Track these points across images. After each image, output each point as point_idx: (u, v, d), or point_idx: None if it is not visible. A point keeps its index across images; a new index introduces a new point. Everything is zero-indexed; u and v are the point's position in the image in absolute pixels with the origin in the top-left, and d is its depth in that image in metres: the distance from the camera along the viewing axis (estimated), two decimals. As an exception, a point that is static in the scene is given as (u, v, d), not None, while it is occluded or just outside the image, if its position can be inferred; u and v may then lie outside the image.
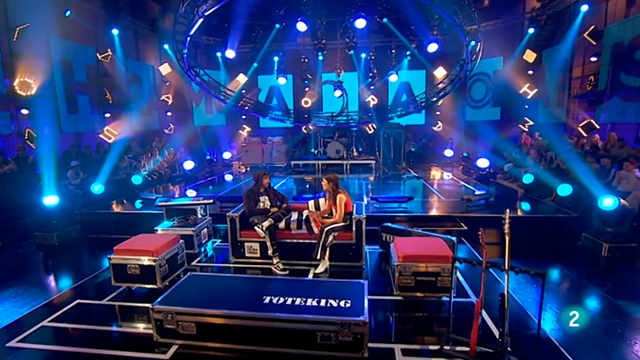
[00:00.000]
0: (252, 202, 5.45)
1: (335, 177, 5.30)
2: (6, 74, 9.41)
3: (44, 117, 10.43)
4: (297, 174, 12.62)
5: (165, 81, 15.64)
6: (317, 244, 5.12)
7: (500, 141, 12.95)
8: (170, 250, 4.86)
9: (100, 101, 12.63)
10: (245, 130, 17.43)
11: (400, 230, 5.60)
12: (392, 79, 14.78)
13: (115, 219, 7.58)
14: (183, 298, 3.75)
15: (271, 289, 3.86)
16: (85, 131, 12.01)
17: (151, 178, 11.27)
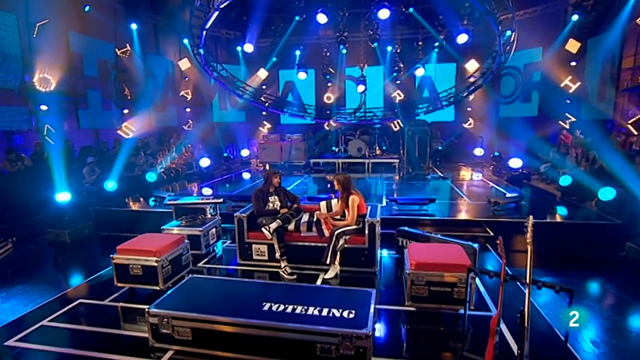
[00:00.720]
0: (260, 202, 5.41)
1: (346, 177, 5.17)
2: (26, 70, 9.78)
3: (62, 113, 10.82)
4: (316, 173, 12.54)
5: (185, 76, 15.90)
6: (327, 248, 5.01)
7: (537, 139, 12.40)
8: (174, 251, 4.87)
9: (118, 97, 12.97)
10: (265, 127, 17.52)
11: (417, 234, 5.41)
12: (419, 72, 14.45)
13: (127, 216, 7.73)
14: (181, 302, 3.73)
15: (272, 295, 3.78)
16: (103, 127, 12.37)
17: (166, 175, 11.48)
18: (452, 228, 6.58)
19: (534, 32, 13.37)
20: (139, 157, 11.34)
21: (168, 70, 15.25)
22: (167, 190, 9.48)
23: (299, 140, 13.55)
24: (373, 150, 13.53)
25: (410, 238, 5.47)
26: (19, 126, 9.71)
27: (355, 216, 5.06)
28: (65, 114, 11.09)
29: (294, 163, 13.39)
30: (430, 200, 7.21)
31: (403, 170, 12.60)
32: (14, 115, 9.60)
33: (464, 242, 4.92)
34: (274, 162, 13.65)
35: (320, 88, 17.19)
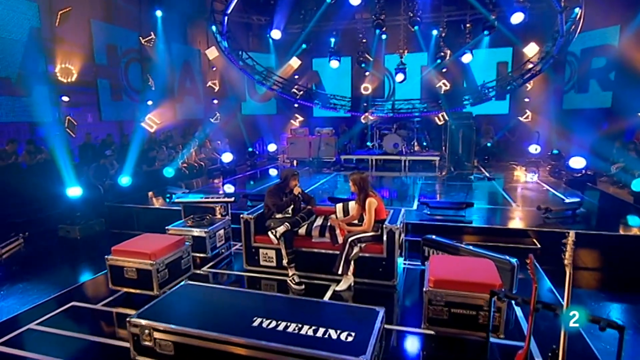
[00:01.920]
0: (278, 200, 5.23)
1: (362, 177, 4.90)
2: (49, 60, 10.23)
3: (84, 104, 11.25)
4: (347, 171, 12.26)
5: (212, 66, 16.11)
6: (339, 256, 4.77)
7: (607, 136, 11.41)
8: (172, 254, 4.82)
9: (142, 88, 13.33)
10: (297, 120, 17.44)
11: (445, 244, 5.03)
12: (466, 59, 13.72)
13: (138, 214, 7.88)
14: (167, 311, 3.64)
15: (266, 309, 3.60)
16: (126, 119, 12.75)
17: (188, 171, 11.67)
18: (492, 238, 6.13)
19: (606, 9, 12.23)
20: (160, 151, 11.60)
21: (195, 59, 15.52)
22: (182, 187, 9.59)
23: (329, 135, 13.33)
24: (411, 147, 13.15)
25: (437, 248, 5.11)
26: (40, 118, 10.17)
27: (372, 221, 4.79)
28: (86, 105, 11.54)
29: (324, 159, 13.19)
30: (467, 204, 6.76)
31: (444, 169, 12.07)
32: (35, 106, 10.07)
33: (501, 257, 4.50)
34: (302, 158, 13.57)
35: (356, 78, 16.85)
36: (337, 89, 16.68)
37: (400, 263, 5.32)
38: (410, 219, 6.70)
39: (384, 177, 11.73)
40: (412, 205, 7.54)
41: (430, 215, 6.82)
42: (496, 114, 15.53)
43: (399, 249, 4.97)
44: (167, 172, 10.06)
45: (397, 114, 14.32)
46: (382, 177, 11.73)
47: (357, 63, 14.72)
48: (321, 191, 9.42)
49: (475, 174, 11.07)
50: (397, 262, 4.88)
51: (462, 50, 13.76)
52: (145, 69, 13.36)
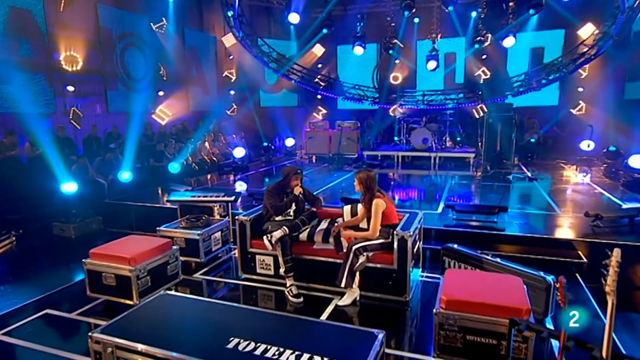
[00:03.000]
0: (277, 200, 4.97)
1: (369, 175, 4.55)
2: (52, 47, 10.31)
3: (90, 94, 11.34)
4: (371, 168, 11.82)
5: (229, 54, 16.02)
6: (341, 266, 4.43)
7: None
8: (156, 259, 4.61)
9: (153, 77, 13.34)
10: (320, 113, 17.17)
11: (467, 255, 4.59)
12: (508, 43, 12.96)
13: (137, 212, 7.78)
14: (136, 327, 3.39)
15: (247, 328, 3.30)
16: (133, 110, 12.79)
17: (198, 166, 11.58)
18: (528, 249, 5.64)
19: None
20: (170, 145, 11.55)
21: (210, 47, 15.46)
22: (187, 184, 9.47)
23: (351, 129, 12.97)
24: (442, 142, 12.77)
25: (458, 259, 4.68)
26: (43, 109, 10.28)
27: (377, 226, 4.43)
28: (93, 95, 11.63)
29: (345, 155, 12.87)
30: (500, 208, 6.26)
31: (480, 168, 11.56)
32: (39, 96, 10.18)
33: (534, 273, 4.03)
34: (321, 153, 13.33)
35: (384, 66, 16.37)
36: (363, 79, 16.28)
37: (415, 275, 4.93)
38: (433, 224, 6.28)
39: (411, 176, 11.35)
40: (437, 209, 7.08)
41: (456, 221, 6.36)
42: (543, 106, 14.70)
43: (413, 259, 4.57)
44: (173, 167, 9.94)
45: (428, 105, 13.74)
46: (409, 176, 11.35)
47: (384, 50, 14.27)
48: (341, 189, 9.12)
49: (515, 174, 10.45)
50: (411, 275, 4.48)
51: (503, 33, 12.99)
52: (156, 56, 13.37)
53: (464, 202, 7.58)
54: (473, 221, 6.33)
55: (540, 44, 14.59)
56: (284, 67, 13.79)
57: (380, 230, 4.55)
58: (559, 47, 14.43)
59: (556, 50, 14.31)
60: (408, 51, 15.66)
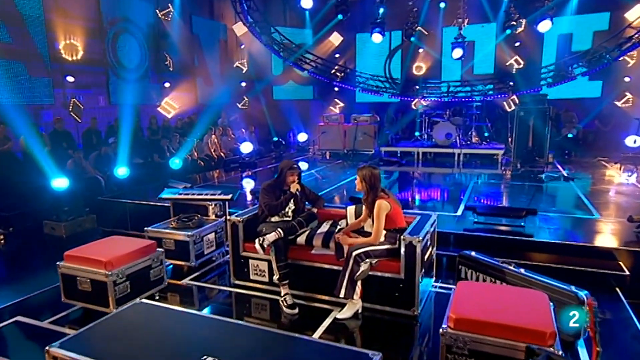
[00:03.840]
0: (272, 199, 4.73)
1: (373, 173, 4.23)
2: (51, 36, 10.27)
3: (92, 85, 11.31)
4: (387, 165, 11.63)
5: (240, 44, 15.86)
6: (341, 274, 4.14)
7: None
8: (137, 262, 4.40)
9: (158, 68, 13.27)
10: (337, 106, 16.89)
11: (486, 264, 4.23)
12: (544, 27, 12.28)
13: (132, 210, 7.62)
14: (100, 341, 3.17)
15: (223, 345, 3.04)
16: (138, 103, 12.73)
17: (204, 162, 11.43)
18: (560, 258, 5.19)
19: None
20: (174, 139, 11.43)
21: (220, 36, 15.32)
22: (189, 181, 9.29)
23: (368, 123, 12.64)
24: (468, 137, 12.30)
25: (476, 268, 4.33)
26: (41, 100, 10.29)
27: (380, 230, 4.12)
28: (95, 87, 11.61)
29: (361, 152, 12.56)
30: (528, 211, 5.84)
31: (509, 166, 11.07)
32: (36, 87, 10.19)
33: (564, 287, 3.62)
34: (335, 149, 13.05)
35: (406, 55, 15.96)
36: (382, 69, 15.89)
37: (427, 285, 4.59)
38: (452, 227, 5.93)
39: (432, 174, 10.98)
40: (456, 210, 6.70)
41: (477, 224, 5.97)
42: (583, 98, 14.03)
43: (424, 267, 4.23)
44: (174, 163, 9.80)
45: (453, 97, 13.28)
46: (430, 174, 10.98)
47: (405, 37, 13.86)
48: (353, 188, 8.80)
49: (549, 173, 9.95)
50: (420, 285, 4.14)
51: (538, 16, 12.36)
52: (162, 45, 13.29)
53: (488, 203, 7.15)
54: (496, 225, 5.92)
55: (582, 28, 13.92)
56: (294, 56, 13.50)
57: (385, 234, 4.25)
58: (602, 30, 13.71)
59: (600, 35, 13.61)
60: (432, 39, 15.22)
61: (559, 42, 14.27)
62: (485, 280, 4.25)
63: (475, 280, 4.34)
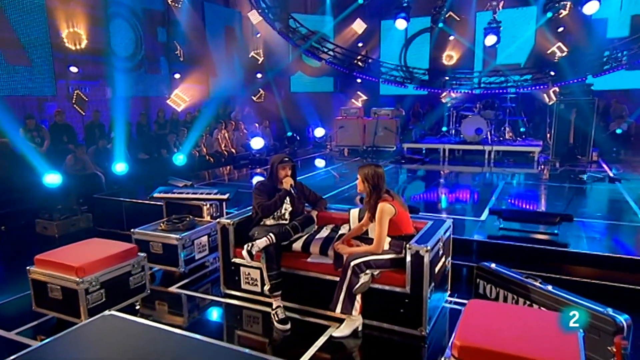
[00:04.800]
0: (265, 199, 4.50)
1: (377, 171, 3.93)
2: (53, 23, 10.26)
3: (98, 76, 11.31)
4: (410, 164, 11.30)
5: (256, 32, 15.67)
6: (337, 287, 3.84)
7: None
8: (114, 268, 4.20)
9: (168, 58, 13.21)
10: (360, 99, 16.59)
11: (508, 278, 3.85)
12: (590, 9, 11.60)
13: (128, 209, 7.49)
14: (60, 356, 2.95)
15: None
16: (146, 95, 12.72)
17: (213, 159, 11.31)
18: (598, 272, 4.75)
19: None
20: (181, 134, 11.33)
21: (234, 24, 15.17)
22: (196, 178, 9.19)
23: (389, 117, 12.31)
24: (500, 133, 11.91)
25: (496, 283, 3.96)
26: (41, 91, 10.31)
27: (383, 238, 3.81)
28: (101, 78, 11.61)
29: (381, 148, 12.26)
30: (563, 216, 5.38)
31: (547, 165, 10.64)
32: (37, 78, 10.21)
33: (599, 309, 3.21)
34: (353, 145, 12.79)
35: (435, 44, 15.57)
36: (409, 59, 15.47)
37: (439, 301, 4.27)
38: (473, 234, 5.59)
39: (460, 173, 10.61)
40: (480, 215, 6.30)
41: (502, 231, 5.55)
42: (633, 89, 13.36)
43: (434, 280, 3.89)
44: (177, 159, 9.68)
45: (485, 89, 12.80)
46: (457, 174, 10.61)
47: (433, 23, 13.42)
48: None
49: (591, 173, 9.41)
50: (429, 301, 3.79)
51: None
52: (171, 34, 13.22)
53: (519, 206, 6.71)
54: (525, 232, 5.49)
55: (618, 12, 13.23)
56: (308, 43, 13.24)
57: (390, 242, 3.94)
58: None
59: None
60: (464, 25, 14.73)
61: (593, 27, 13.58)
62: (506, 297, 3.87)
63: (495, 296, 3.97)
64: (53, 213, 7.34)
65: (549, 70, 12.82)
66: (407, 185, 9.51)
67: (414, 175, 10.34)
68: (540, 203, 7.38)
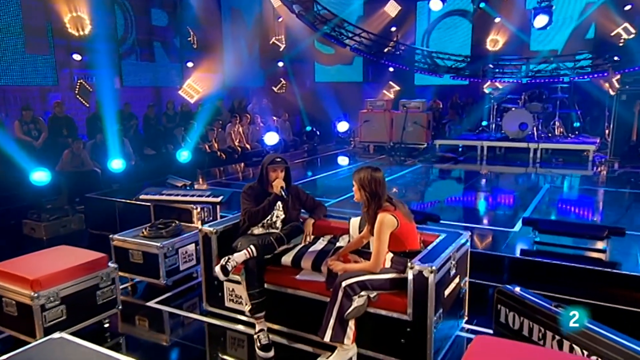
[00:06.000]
0: (252, 202, 4.27)
1: (374, 176, 3.61)
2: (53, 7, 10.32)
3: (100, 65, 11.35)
4: (441, 163, 11.03)
5: (278, 17, 15.52)
6: (327, 311, 3.54)
7: None
8: (76, 282, 4.01)
9: (180, 44, 13.17)
10: (391, 90, 16.27)
11: (535, 306, 3.44)
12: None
13: (122, 210, 7.39)
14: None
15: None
16: (154, 85, 12.71)
17: (225, 155, 11.19)
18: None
19: None
20: (190, 127, 11.25)
21: (254, 7, 15.06)
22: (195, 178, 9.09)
23: (420, 110, 11.98)
24: (549, 128, 11.43)
25: (519, 311, 3.54)
26: (41, 81, 10.41)
27: (382, 254, 3.49)
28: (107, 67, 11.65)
29: (410, 145, 11.91)
30: (612, 230, 4.88)
31: (602, 165, 10.24)
32: (39, 66, 10.31)
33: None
34: (379, 142, 12.50)
35: (477, 28, 15.18)
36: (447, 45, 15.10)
37: (452, 329, 3.92)
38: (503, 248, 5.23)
39: (499, 175, 10.27)
40: (514, 225, 5.88)
41: (538, 245, 5.11)
42: None
43: (441, 306, 3.52)
44: (181, 155, 9.58)
45: (533, 78, 12.42)
46: (497, 175, 10.25)
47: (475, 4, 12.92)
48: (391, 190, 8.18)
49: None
50: (434, 330, 3.44)
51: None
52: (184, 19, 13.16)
53: (563, 215, 6.23)
54: (565, 247, 5.06)
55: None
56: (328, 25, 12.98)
57: (392, 259, 3.61)
58: None
59: None
60: (510, 5, 14.17)
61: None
62: (531, 328, 3.45)
63: (519, 327, 3.57)
64: (42, 213, 7.30)
65: (611, 56, 12.16)
66: (433, 187, 9.33)
67: (445, 176, 10.13)
68: (589, 212, 6.94)
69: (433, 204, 7.39)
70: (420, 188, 8.92)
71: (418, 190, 8.75)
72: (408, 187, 8.88)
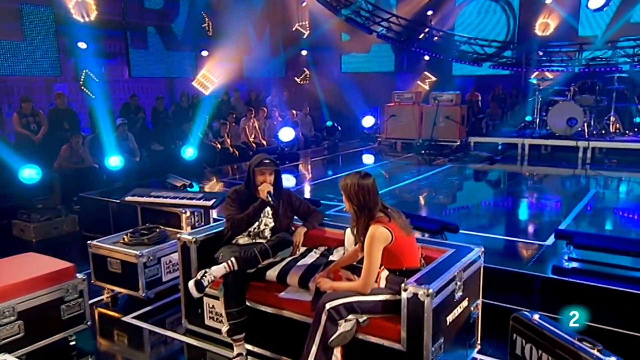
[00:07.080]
0: (236, 207, 4.11)
1: (362, 185, 3.35)
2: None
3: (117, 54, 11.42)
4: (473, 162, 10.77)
5: (302, 1, 15.39)
6: (309, 336, 3.31)
7: None
8: (37, 295, 3.89)
9: (194, 32, 13.14)
10: (427, 81, 15.96)
11: (552, 338, 3.13)
12: None
13: (116, 211, 7.34)
14: None
15: None
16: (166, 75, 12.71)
17: (238, 151, 11.11)
18: None
19: None
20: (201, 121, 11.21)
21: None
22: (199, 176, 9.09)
23: (453, 103, 11.66)
24: (602, 125, 10.96)
25: (537, 344, 3.25)
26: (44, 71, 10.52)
27: (372, 271, 3.27)
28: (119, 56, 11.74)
29: (441, 142, 11.59)
30: (663, 248, 4.51)
31: None
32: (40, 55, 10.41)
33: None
34: (407, 139, 12.26)
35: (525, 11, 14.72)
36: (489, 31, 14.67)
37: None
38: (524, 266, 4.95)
39: (541, 178, 9.98)
40: (546, 238, 5.54)
41: (572, 261, 4.75)
42: None
43: (442, 335, 3.25)
44: (185, 152, 9.52)
45: (586, 67, 12.09)
46: (539, 178, 10.02)
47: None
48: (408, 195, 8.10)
49: None
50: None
51: None
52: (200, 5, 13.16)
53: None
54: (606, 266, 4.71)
55: None
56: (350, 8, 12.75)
57: (387, 277, 3.39)
58: None
59: None
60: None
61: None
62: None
63: (535, 354, 3.27)
64: (32, 213, 7.32)
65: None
66: (461, 191, 9.18)
67: (477, 178, 9.90)
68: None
69: (457, 210, 7.19)
70: (447, 191, 8.70)
71: (443, 193, 8.53)
72: (433, 189, 8.74)
